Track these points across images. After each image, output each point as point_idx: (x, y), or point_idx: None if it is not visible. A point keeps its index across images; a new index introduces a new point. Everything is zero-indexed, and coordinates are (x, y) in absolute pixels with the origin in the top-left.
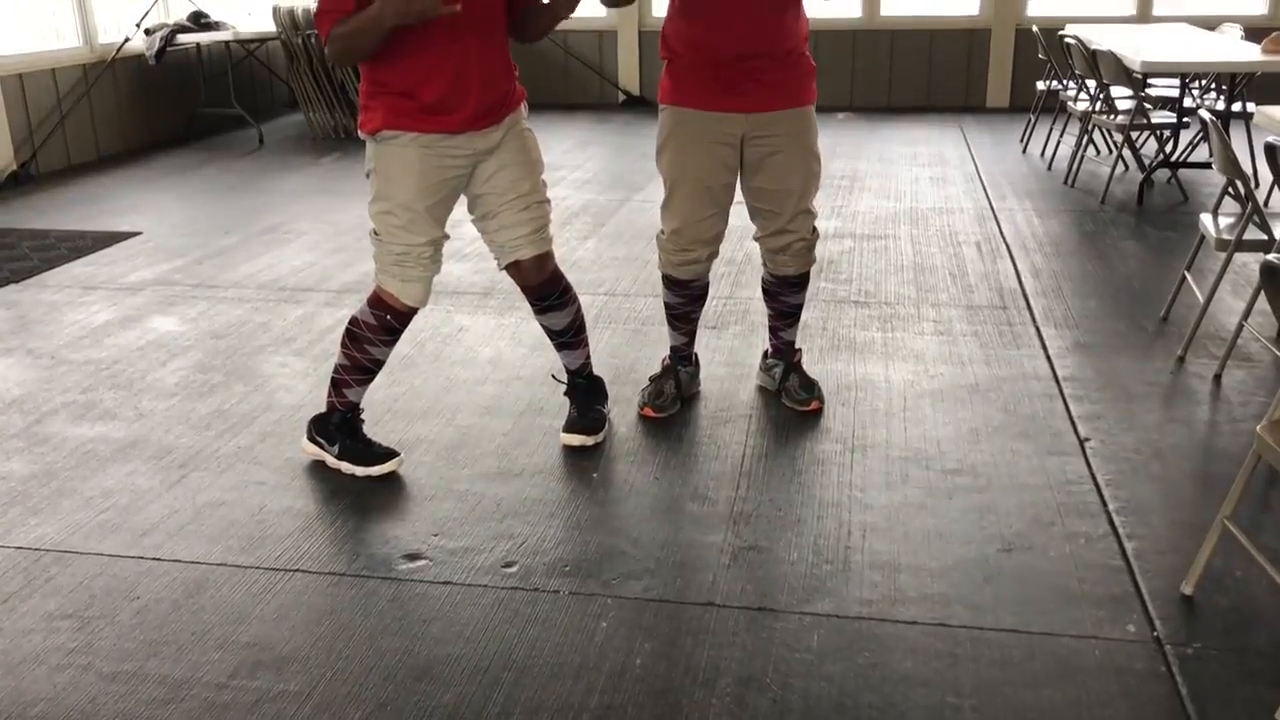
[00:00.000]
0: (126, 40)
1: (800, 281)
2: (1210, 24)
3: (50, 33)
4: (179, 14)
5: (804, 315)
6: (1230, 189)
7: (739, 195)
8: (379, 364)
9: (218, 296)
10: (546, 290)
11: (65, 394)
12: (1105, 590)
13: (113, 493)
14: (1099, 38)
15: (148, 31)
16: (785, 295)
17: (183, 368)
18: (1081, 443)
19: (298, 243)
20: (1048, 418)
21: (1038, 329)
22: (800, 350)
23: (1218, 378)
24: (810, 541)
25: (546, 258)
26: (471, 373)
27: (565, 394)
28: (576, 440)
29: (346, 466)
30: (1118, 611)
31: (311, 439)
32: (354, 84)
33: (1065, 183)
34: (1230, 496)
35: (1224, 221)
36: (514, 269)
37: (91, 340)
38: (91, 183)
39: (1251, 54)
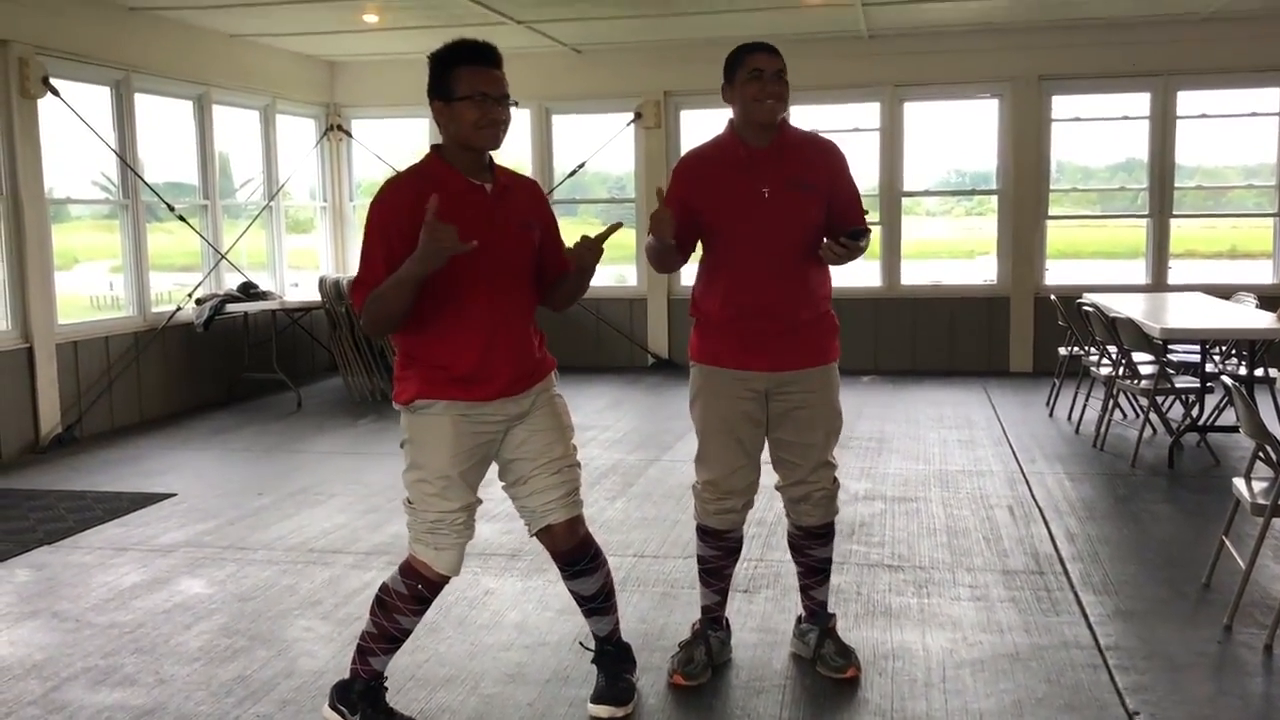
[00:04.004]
0: (178, 309)
1: (825, 533)
2: (1224, 293)
3: (108, 302)
4: (230, 284)
5: (836, 579)
6: (1260, 453)
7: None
8: (407, 633)
9: (247, 558)
10: (577, 555)
11: (87, 658)
12: None
13: None
14: (1117, 305)
15: (199, 301)
16: (812, 549)
17: (207, 631)
18: (1130, 716)
19: (329, 504)
20: (1093, 689)
21: (1076, 595)
22: (834, 615)
23: (1268, 648)
24: None
25: (577, 521)
26: (497, 638)
27: (593, 661)
28: (605, 711)
29: None
30: None
31: (333, 706)
32: (392, 348)
33: (1094, 446)
34: None
35: (1258, 486)
36: (545, 535)
37: (118, 603)
38: (132, 445)
39: (1266, 321)
